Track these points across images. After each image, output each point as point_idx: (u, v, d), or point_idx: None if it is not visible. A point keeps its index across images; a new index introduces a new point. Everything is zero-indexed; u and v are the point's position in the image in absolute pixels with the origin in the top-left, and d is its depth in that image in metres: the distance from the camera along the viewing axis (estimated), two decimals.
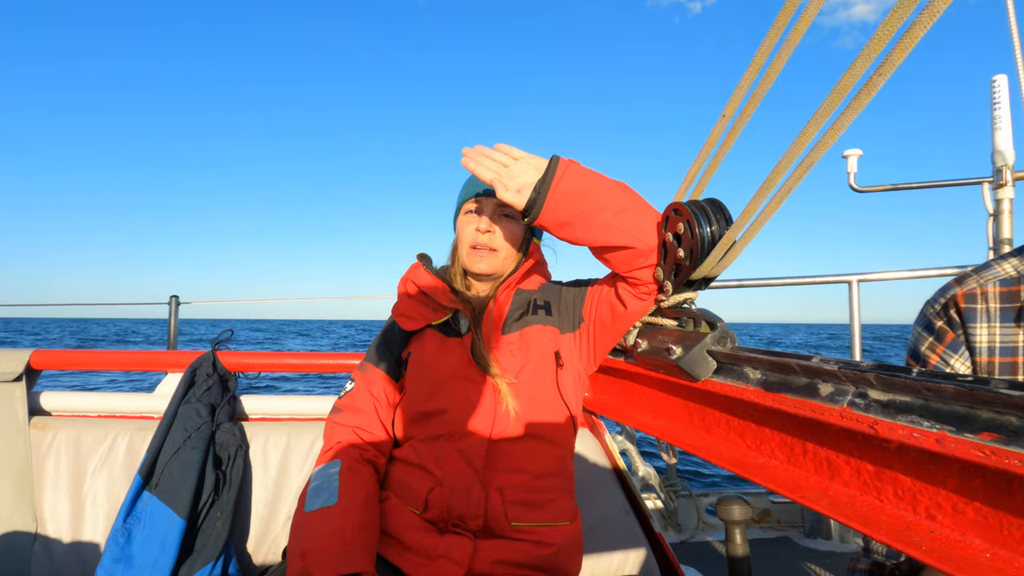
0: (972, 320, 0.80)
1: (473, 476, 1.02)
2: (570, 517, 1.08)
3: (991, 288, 0.79)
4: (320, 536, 0.93)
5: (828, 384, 0.57)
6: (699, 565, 1.39)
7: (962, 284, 0.83)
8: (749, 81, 0.73)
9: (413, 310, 1.18)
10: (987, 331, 0.79)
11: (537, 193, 0.93)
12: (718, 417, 0.78)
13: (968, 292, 0.82)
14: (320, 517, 0.95)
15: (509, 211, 1.17)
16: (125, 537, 1.19)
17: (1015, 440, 0.39)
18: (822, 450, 0.60)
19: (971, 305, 0.80)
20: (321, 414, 1.49)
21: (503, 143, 1.00)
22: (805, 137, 0.62)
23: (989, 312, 0.79)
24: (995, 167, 2.61)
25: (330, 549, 0.90)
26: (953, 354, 0.83)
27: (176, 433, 1.28)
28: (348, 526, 0.94)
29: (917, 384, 0.48)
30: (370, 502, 1.01)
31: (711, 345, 0.77)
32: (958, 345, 0.82)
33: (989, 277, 0.80)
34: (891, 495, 0.52)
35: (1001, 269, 0.80)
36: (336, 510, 0.96)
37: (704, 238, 0.83)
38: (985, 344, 0.79)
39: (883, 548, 0.91)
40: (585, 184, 0.94)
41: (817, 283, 2.71)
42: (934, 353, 0.85)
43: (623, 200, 0.94)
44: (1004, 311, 0.78)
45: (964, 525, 0.46)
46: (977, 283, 0.81)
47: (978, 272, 0.83)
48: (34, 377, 1.46)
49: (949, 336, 0.83)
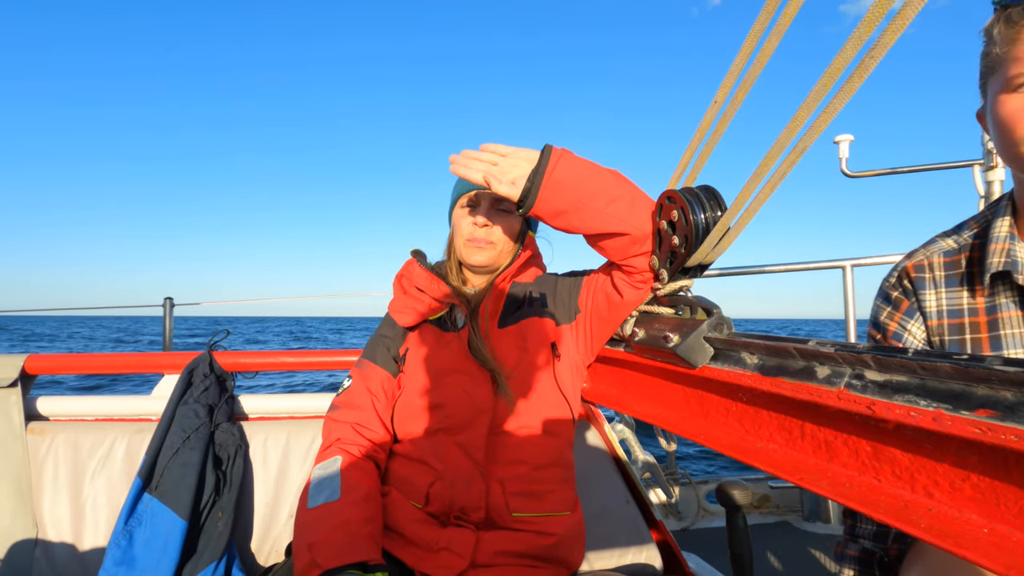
0: (922, 288, 0.89)
1: (473, 468, 1.02)
2: (571, 507, 1.08)
3: (936, 259, 0.89)
4: (326, 529, 0.93)
5: (825, 367, 0.58)
6: (701, 552, 1.40)
7: (911, 257, 0.93)
8: (740, 66, 0.73)
9: (409, 306, 1.18)
10: (935, 296, 0.88)
11: (531, 183, 0.93)
12: (716, 403, 0.79)
13: (916, 264, 0.91)
14: (324, 511, 0.96)
15: (505, 205, 1.17)
16: (127, 539, 1.18)
17: (1011, 416, 0.40)
18: (820, 432, 0.60)
19: (920, 275, 0.90)
20: (320, 411, 1.49)
21: (490, 143, 1.01)
22: (797, 122, 0.62)
23: (935, 280, 0.88)
24: (985, 149, 2.62)
25: (337, 540, 0.91)
26: (909, 319, 0.91)
27: (175, 434, 1.28)
28: (354, 517, 0.94)
29: (913, 364, 0.48)
30: (372, 495, 1.01)
31: (708, 332, 0.77)
32: (913, 311, 0.91)
33: (934, 250, 0.90)
34: (889, 474, 0.52)
35: (944, 244, 0.90)
36: (340, 504, 0.96)
37: (698, 225, 0.83)
38: (934, 308, 0.88)
39: (870, 533, 0.93)
40: (578, 172, 0.94)
41: (811, 269, 2.72)
42: (892, 321, 0.93)
43: (617, 188, 0.94)
44: (948, 278, 0.87)
45: (962, 502, 0.46)
46: (924, 256, 0.91)
47: (925, 247, 0.93)
48: (29, 382, 1.45)
49: (904, 304, 0.92)
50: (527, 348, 1.11)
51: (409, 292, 1.19)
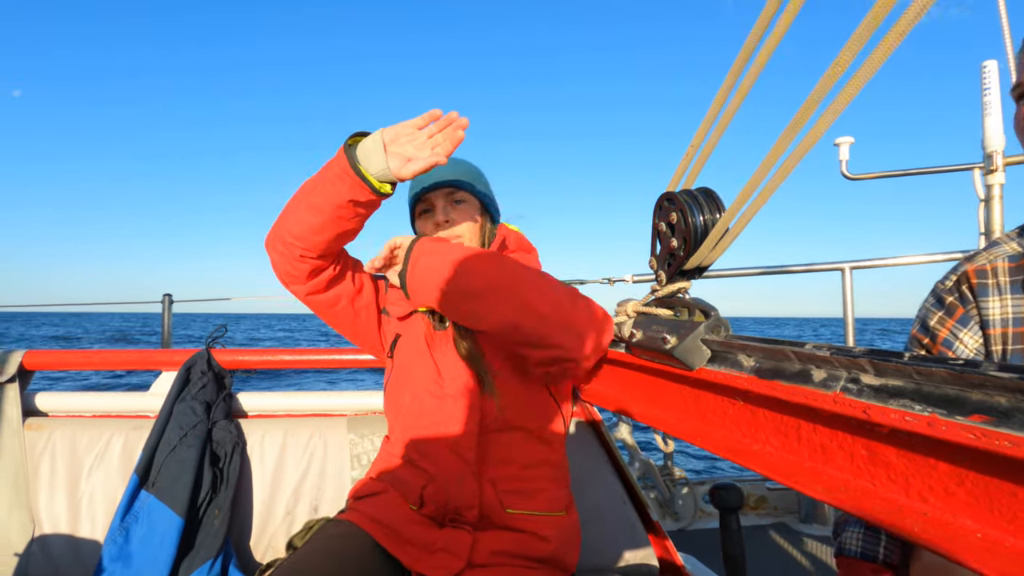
0: (984, 294, 0.83)
1: (465, 468, 1.02)
2: (565, 507, 1.08)
3: (1000, 263, 0.83)
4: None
5: (821, 370, 0.58)
6: (697, 552, 1.40)
7: (972, 261, 0.87)
8: (740, 67, 0.73)
9: (399, 298, 1.15)
10: (999, 303, 0.82)
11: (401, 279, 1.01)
12: (713, 405, 0.79)
13: (979, 268, 0.85)
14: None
15: (459, 196, 1.16)
16: (123, 536, 1.19)
17: (1005, 421, 0.40)
18: (816, 436, 0.60)
19: (983, 280, 0.84)
20: (317, 410, 1.49)
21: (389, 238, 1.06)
22: (796, 124, 0.62)
23: (1000, 286, 0.82)
24: (985, 153, 2.62)
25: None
26: (963, 328, 0.86)
27: (172, 431, 1.28)
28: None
29: (909, 368, 0.48)
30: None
31: (705, 334, 0.77)
32: (967, 319, 0.86)
33: (998, 254, 0.85)
34: (884, 479, 0.52)
35: (1008, 247, 0.84)
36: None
37: (697, 227, 0.83)
38: (999, 316, 0.82)
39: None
40: (437, 261, 0.99)
41: (810, 271, 2.72)
42: (943, 327, 0.88)
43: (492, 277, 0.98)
44: (1013, 283, 0.82)
45: (956, 507, 0.46)
46: (987, 260, 0.85)
47: (988, 250, 0.87)
48: (27, 378, 1.45)
49: (959, 311, 0.87)
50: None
51: (398, 287, 1.18)
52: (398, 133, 0.95)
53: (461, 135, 0.95)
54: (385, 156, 0.95)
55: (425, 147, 0.95)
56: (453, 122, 0.94)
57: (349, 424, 1.43)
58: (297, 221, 1.00)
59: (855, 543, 0.88)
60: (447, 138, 0.94)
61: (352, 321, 1.17)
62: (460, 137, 0.95)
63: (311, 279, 1.07)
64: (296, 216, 1.01)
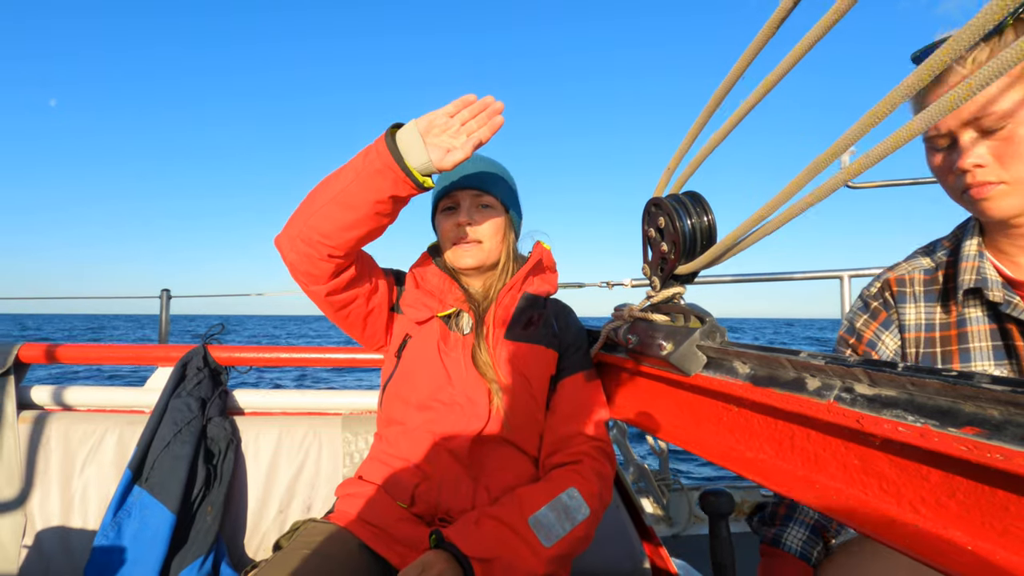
0: (903, 301, 0.95)
1: (462, 472, 1.02)
2: None
3: (917, 275, 0.95)
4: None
5: (816, 379, 0.58)
6: (690, 558, 1.39)
7: (895, 270, 0.98)
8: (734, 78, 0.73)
9: (421, 302, 1.14)
10: (915, 310, 0.93)
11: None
12: (708, 412, 0.79)
13: (899, 278, 0.96)
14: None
15: (487, 200, 1.15)
16: (115, 531, 1.18)
17: (997, 434, 0.40)
18: (810, 444, 0.60)
19: (902, 289, 0.95)
20: (313, 408, 1.49)
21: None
22: (818, 165, 0.58)
23: (915, 295, 0.94)
24: None
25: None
26: (885, 330, 0.96)
27: (166, 427, 1.28)
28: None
29: (903, 379, 0.48)
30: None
31: (700, 340, 0.77)
32: (889, 323, 0.96)
33: (916, 266, 0.96)
34: (876, 489, 0.52)
35: (923, 262, 0.96)
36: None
37: (685, 231, 0.83)
38: (913, 321, 0.93)
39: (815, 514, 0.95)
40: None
41: (808, 279, 2.72)
42: (868, 329, 0.97)
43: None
44: (927, 293, 0.93)
45: (947, 519, 0.46)
46: (907, 271, 0.96)
47: (908, 261, 0.98)
48: (23, 371, 1.45)
49: (882, 315, 0.96)
50: (529, 372, 1.09)
51: (422, 288, 1.16)
52: (431, 123, 0.91)
53: (500, 120, 0.90)
54: (425, 148, 0.90)
55: (460, 135, 0.91)
56: (489, 107, 0.90)
57: (344, 423, 1.43)
58: (326, 217, 0.94)
59: (797, 543, 0.93)
60: (482, 124, 0.91)
61: (363, 320, 1.14)
62: (499, 123, 0.90)
63: (332, 279, 1.01)
64: (324, 212, 0.94)
